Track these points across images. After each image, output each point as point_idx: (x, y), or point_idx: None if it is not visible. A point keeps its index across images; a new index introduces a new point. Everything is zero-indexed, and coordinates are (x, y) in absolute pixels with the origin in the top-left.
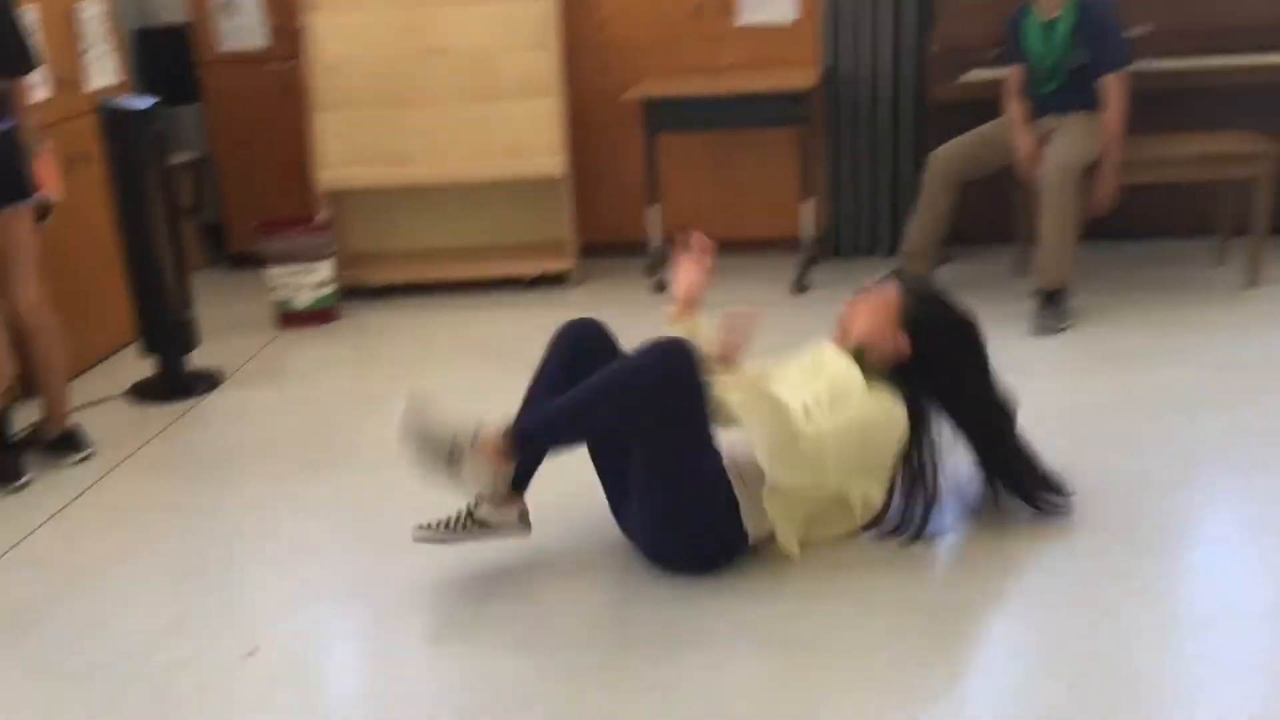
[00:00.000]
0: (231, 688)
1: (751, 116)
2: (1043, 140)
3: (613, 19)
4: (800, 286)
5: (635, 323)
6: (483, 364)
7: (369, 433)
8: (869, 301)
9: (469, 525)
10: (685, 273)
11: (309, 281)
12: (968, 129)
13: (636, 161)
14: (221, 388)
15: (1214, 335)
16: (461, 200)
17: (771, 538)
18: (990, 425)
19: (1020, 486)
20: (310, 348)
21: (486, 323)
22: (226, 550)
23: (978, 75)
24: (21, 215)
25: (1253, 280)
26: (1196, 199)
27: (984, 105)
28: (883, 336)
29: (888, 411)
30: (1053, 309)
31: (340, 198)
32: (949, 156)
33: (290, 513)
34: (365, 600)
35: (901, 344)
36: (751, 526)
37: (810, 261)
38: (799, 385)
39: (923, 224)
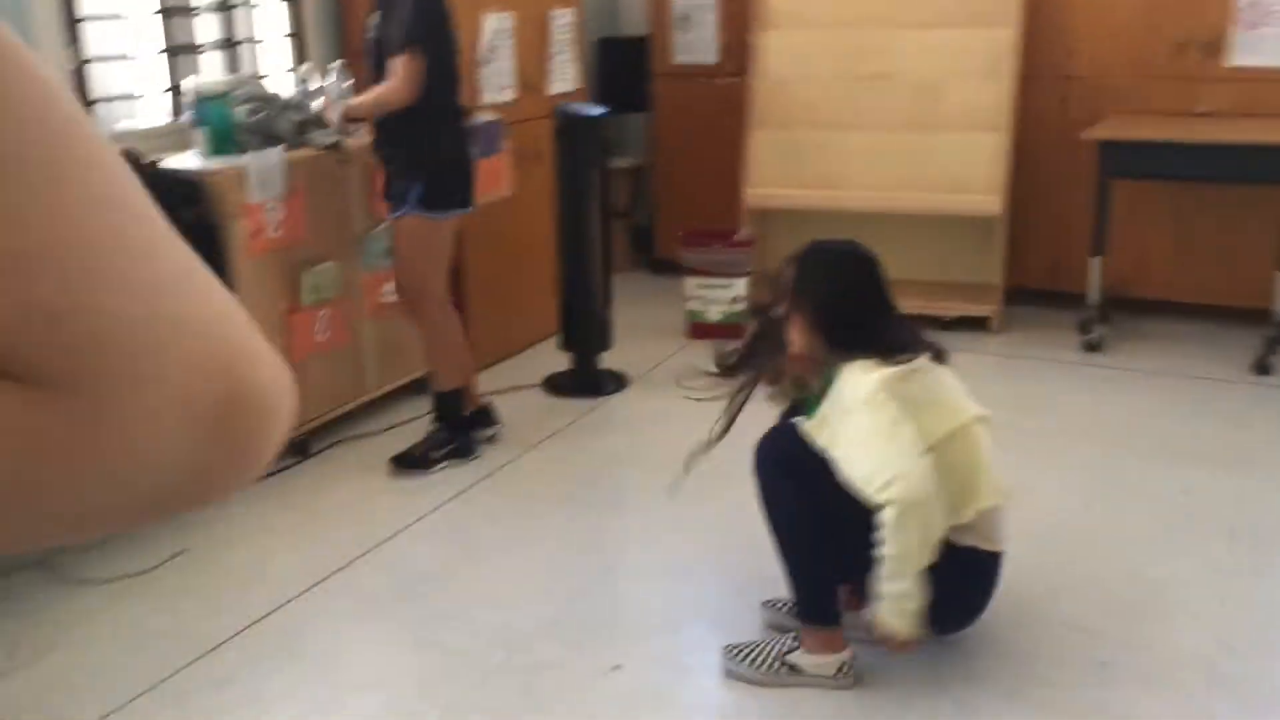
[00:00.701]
0: (592, 700)
1: (1231, 169)
2: None
3: (1082, 49)
4: (1261, 367)
5: (1056, 382)
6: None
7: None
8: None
9: (778, 669)
10: None
11: (723, 296)
12: None
13: (1082, 206)
14: (628, 390)
15: None
16: (887, 231)
17: None
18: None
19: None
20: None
21: None
22: (607, 558)
23: None
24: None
25: None
26: None
27: None
28: (806, 363)
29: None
30: None
31: (766, 216)
32: None
33: (673, 529)
34: (731, 629)
35: (806, 346)
36: None
37: (1277, 339)
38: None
39: None
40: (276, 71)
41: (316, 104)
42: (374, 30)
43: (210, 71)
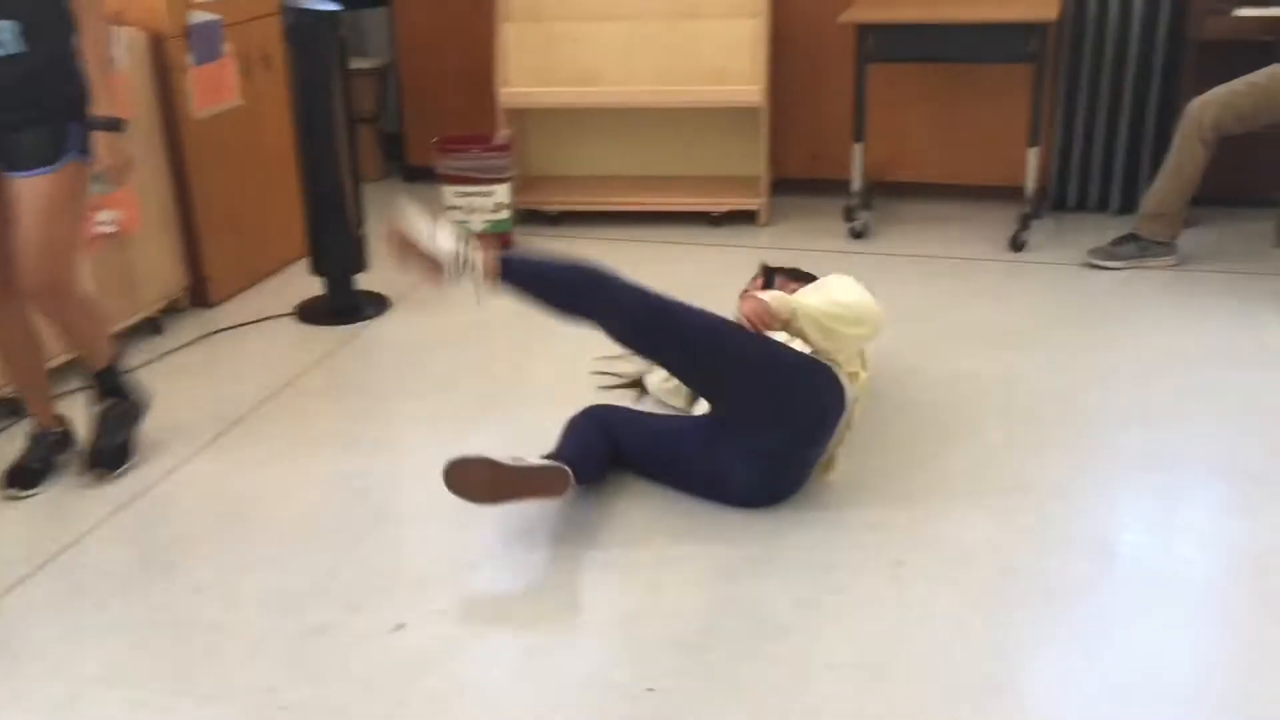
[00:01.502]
0: (373, 665)
1: (981, 50)
2: None
3: None
4: (1016, 244)
5: (827, 271)
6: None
7: (539, 370)
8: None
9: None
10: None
11: (485, 204)
12: (1227, 77)
13: (842, 92)
14: (390, 312)
15: None
16: (649, 126)
17: None
18: None
19: None
20: None
21: (668, 260)
22: (382, 503)
23: (1250, 12)
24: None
25: None
26: None
27: (1250, 49)
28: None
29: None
30: None
31: (522, 116)
32: (1210, 106)
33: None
34: (518, 575)
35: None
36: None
37: (1030, 216)
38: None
39: (1172, 183)
40: None
41: None
42: None
43: None
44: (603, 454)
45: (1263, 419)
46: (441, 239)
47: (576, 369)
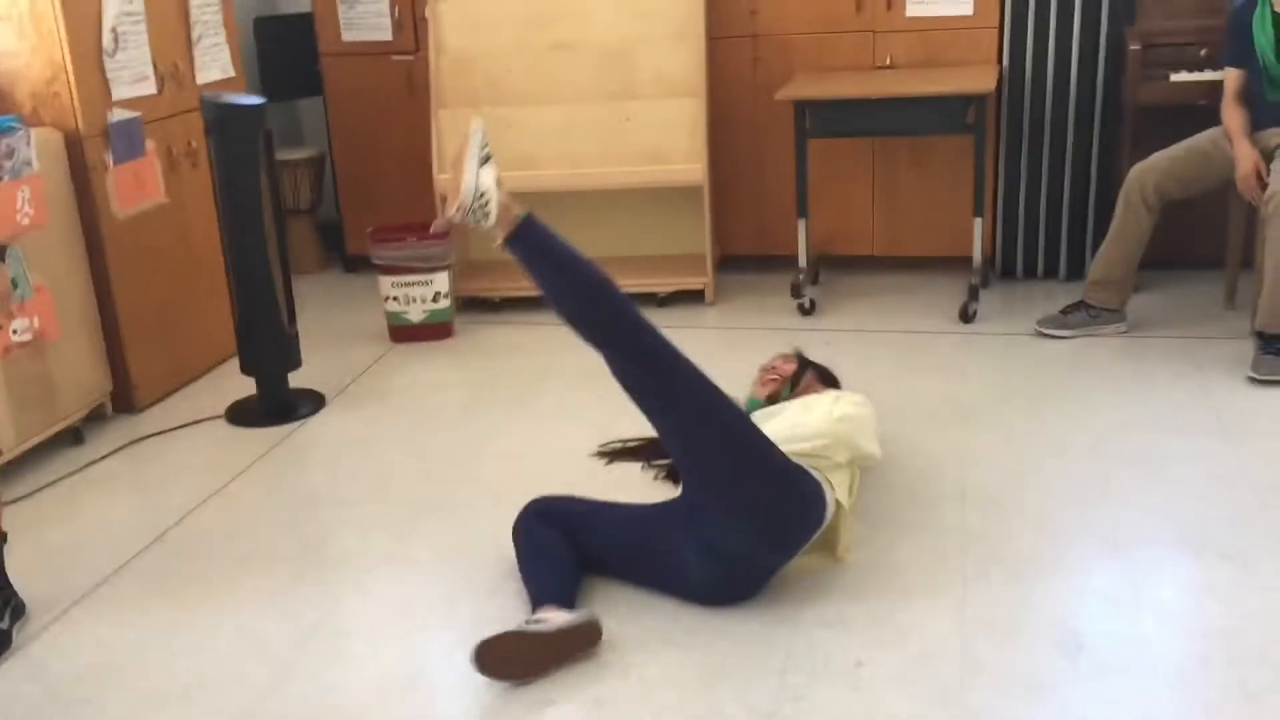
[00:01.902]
0: None
1: (920, 123)
2: (1267, 156)
3: (763, 6)
4: (966, 315)
5: (777, 347)
6: (610, 389)
7: (485, 467)
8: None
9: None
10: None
11: (424, 294)
12: (1166, 142)
13: (784, 167)
14: (325, 410)
15: None
16: (590, 207)
17: None
18: None
19: None
20: (422, 367)
21: None
22: (315, 623)
23: (1185, 77)
24: None
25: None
26: None
27: (1187, 114)
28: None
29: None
30: (1275, 356)
31: None
32: (1151, 172)
33: (389, 574)
34: (470, 689)
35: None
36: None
37: (979, 287)
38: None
39: (1117, 249)
40: None
41: None
42: None
43: None
44: (577, 564)
45: (1224, 490)
46: (484, 175)
47: (523, 465)
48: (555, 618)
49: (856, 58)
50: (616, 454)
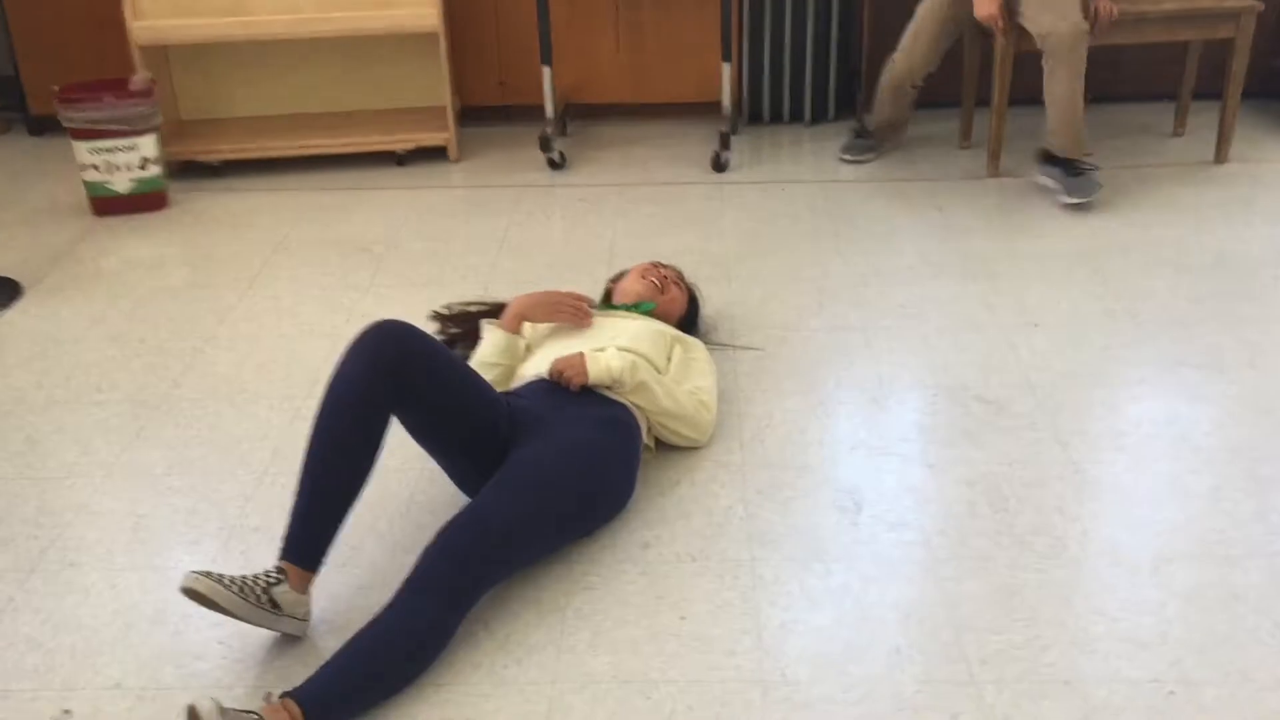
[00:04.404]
0: None
1: None
2: None
3: None
4: (719, 164)
5: (527, 206)
6: (347, 262)
7: (211, 366)
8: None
9: (262, 601)
10: (545, 310)
11: (129, 160)
12: None
13: (526, 12)
14: (23, 301)
15: (1192, 220)
16: (316, 58)
17: None
18: None
19: None
20: (135, 245)
21: (351, 208)
22: (34, 552)
23: None
24: None
25: (1223, 155)
26: (1152, 60)
27: None
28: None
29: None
30: (1072, 178)
31: (163, 55)
32: (919, 60)
33: (117, 488)
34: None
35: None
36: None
37: (729, 134)
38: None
39: (901, 84)
40: None
41: None
42: None
43: None
44: (358, 489)
45: (976, 334)
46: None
47: (258, 352)
48: (288, 599)
49: None
50: (455, 318)
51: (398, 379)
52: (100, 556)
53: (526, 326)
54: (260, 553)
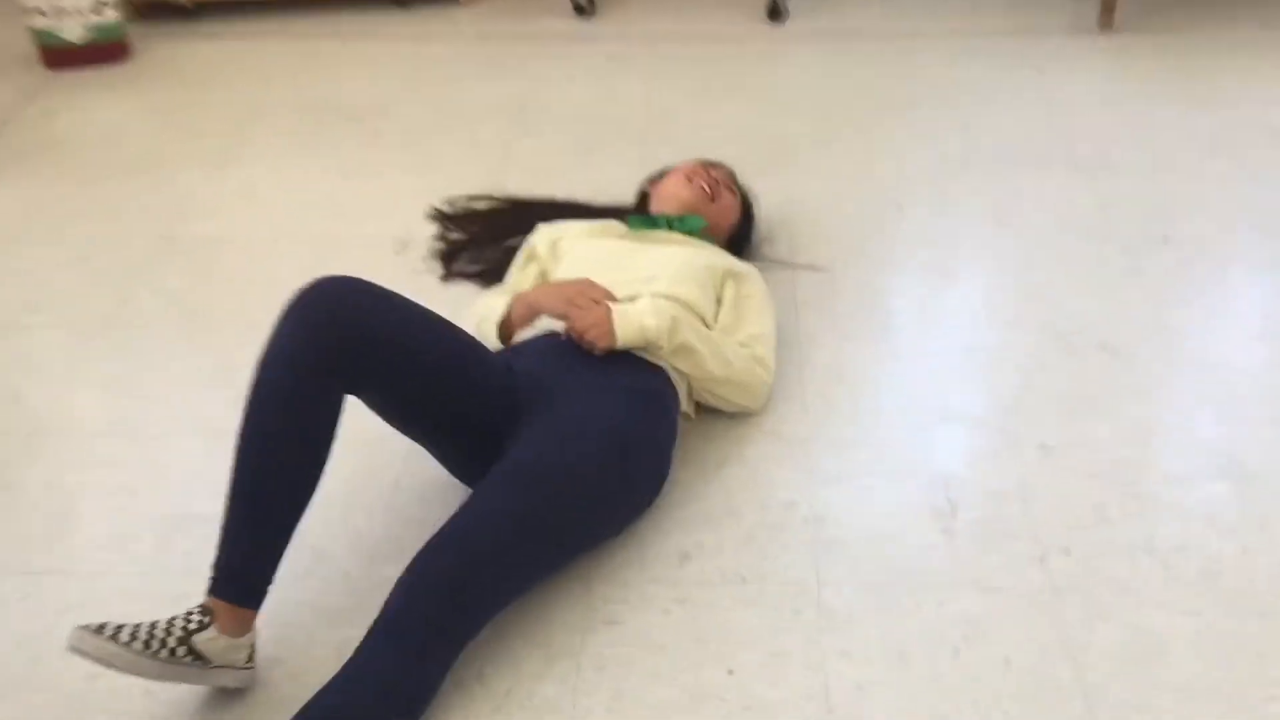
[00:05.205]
0: None
1: None
2: None
3: None
4: (777, 12)
5: (546, 66)
6: (339, 128)
7: (170, 264)
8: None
9: (178, 654)
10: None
11: (79, 4)
12: None
13: None
14: None
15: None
16: None
17: None
18: None
19: None
20: (91, 106)
21: (343, 62)
22: None
23: None
24: None
25: (1107, 23)
26: None
27: None
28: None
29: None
30: None
31: None
32: None
33: (20, 455)
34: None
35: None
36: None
37: None
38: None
39: None
40: None
41: None
42: None
43: None
44: (310, 489)
45: (1091, 251)
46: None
47: (233, 253)
48: (214, 647)
49: None
50: (458, 219)
51: (348, 355)
52: (6, 558)
53: (542, 254)
54: (212, 551)
